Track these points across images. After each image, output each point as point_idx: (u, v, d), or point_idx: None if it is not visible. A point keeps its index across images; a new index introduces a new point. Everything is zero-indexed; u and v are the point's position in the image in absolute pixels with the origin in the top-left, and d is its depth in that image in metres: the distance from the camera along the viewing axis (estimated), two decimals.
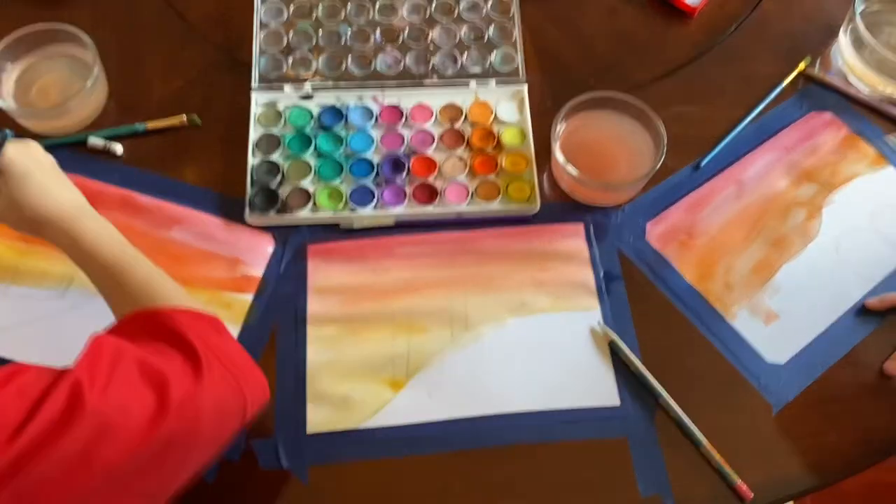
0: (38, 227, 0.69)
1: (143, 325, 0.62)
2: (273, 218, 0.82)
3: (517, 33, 0.93)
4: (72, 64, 0.88)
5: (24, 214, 0.68)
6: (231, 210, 0.83)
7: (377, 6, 0.95)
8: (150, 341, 0.59)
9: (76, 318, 0.78)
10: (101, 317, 0.77)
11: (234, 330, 0.77)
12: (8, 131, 0.69)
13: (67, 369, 0.53)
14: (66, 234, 0.67)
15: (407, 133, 0.88)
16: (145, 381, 0.54)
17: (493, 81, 0.91)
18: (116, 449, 0.51)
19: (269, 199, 0.83)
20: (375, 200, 0.84)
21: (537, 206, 0.84)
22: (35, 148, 0.71)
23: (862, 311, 0.80)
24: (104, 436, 0.51)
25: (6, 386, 0.50)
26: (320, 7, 0.94)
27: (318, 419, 0.73)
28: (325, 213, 0.83)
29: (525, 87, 0.90)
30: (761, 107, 0.91)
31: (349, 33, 0.93)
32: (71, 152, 0.86)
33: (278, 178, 0.84)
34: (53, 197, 0.68)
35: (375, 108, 0.89)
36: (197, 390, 0.56)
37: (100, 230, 0.68)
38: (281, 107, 0.89)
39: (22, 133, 0.86)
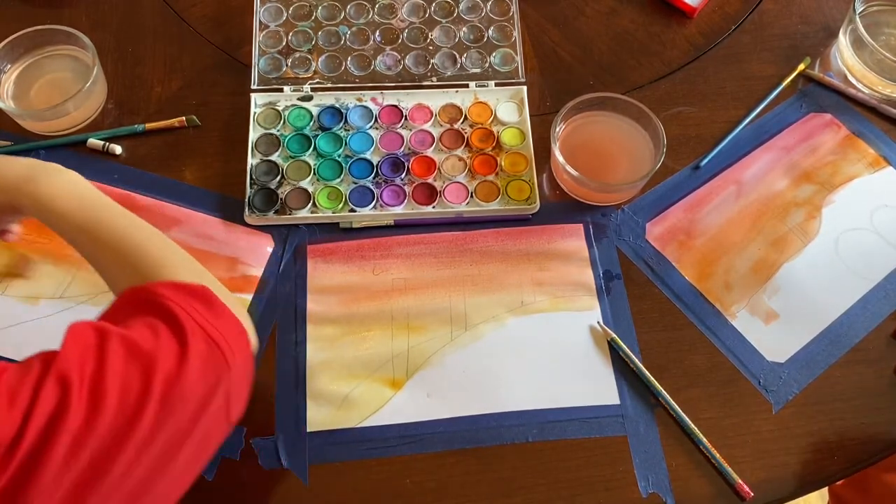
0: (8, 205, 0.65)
1: (128, 303, 0.59)
2: (272, 218, 0.82)
3: (517, 34, 0.93)
4: (71, 65, 0.89)
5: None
6: (230, 210, 0.83)
7: (377, 7, 0.95)
8: (138, 317, 0.56)
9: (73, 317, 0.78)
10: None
11: None
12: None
13: (51, 361, 0.50)
14: (27, 196, 0.62)
15: (406, 133, 0.88)
16: (132, 359, 0.52)
17: (492, 82, 0.91)
18: (110, 431, 0.49)
19: (269, 199, 0.83)
20: (375, 200, 0.84)
21: (537, 206, 0.84)
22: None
23: (863, 308, 0.80)
24: (97, 420, 0.49)
25: None
26: (320, 8, 0.95)
27: (318, 418, 0.73)
28: (325, 212, 0.83)
29: (524, 88, 0.90)
30: (761, 107, 0.91)
31: (349, 34, 0.93)
32: (71, 153, 0.86)
33: (278, 178, 0.84)
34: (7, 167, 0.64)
35: (375, 109, 0.89)
36: (183, 367, 0.54)
37: (65, 185, 0.63)
38: (280, 107, 0.89)
39: (22, 133, 0.86)
